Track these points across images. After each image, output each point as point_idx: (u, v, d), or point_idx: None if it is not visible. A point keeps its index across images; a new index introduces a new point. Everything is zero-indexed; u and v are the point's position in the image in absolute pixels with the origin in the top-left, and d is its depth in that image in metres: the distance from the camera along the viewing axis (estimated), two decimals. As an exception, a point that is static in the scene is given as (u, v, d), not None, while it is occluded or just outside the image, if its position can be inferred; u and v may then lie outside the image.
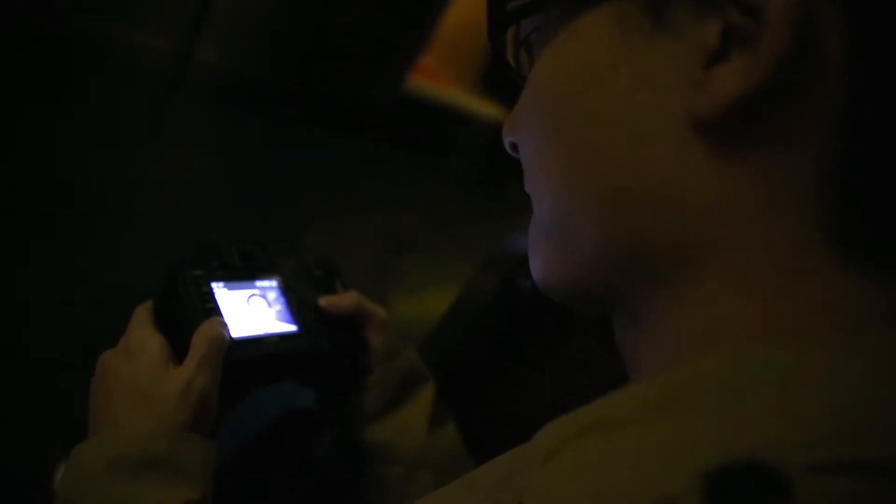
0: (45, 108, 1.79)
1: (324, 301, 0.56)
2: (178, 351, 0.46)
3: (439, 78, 2.90)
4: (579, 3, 0.26)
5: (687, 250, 0.24)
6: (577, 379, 0.62)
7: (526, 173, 0.31)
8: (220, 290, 0.51)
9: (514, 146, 0.33)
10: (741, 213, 0.23)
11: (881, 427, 0.19)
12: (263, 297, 0.54)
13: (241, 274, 0.53)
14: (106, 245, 1.46)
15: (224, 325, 0.48)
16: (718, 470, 0.19)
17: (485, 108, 2.95)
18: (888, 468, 0.18)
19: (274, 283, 0.56)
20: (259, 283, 0.54)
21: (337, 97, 2.62)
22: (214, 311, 0.49)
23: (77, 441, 0.43)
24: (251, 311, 0.52)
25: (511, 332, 0.71)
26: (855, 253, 0.22)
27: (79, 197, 1.58)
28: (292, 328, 0.54)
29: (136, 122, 2.03)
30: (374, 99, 2.71)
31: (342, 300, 0.57)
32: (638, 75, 0.24)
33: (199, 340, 0.46)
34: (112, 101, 2.00)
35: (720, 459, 0.19)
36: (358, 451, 0.57)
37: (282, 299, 0.55)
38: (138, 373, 0.44)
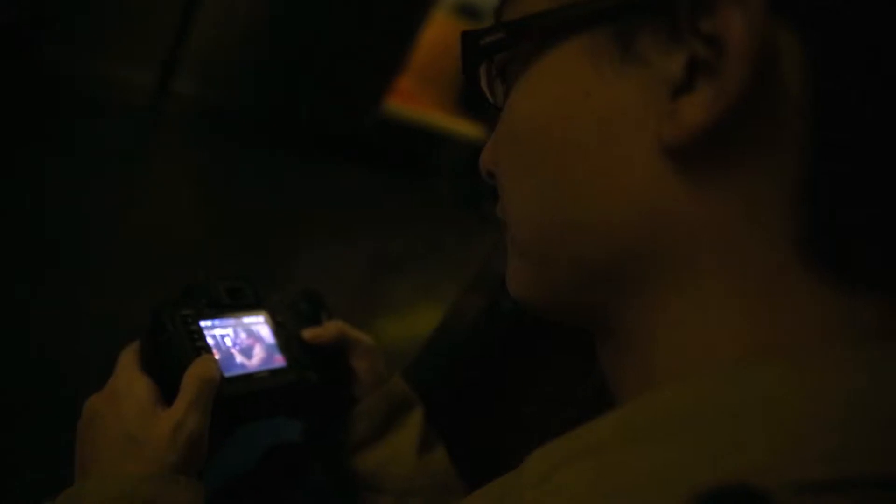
0: (25, 144, 1.78)
1: (307, 334, 0.56)
2: (167, 392, 0.46)
3: (417, 100, 2.91)
4: (550, 37, 0.27)
5: (665, 273, 0.25)
6: (563, 397, 0.62)
7: (501, 200, 0.32)
8: (208, 328, 0.51)
9: (490, 174, 0.33)
10: (718, 235, 0.23)
11: (869, 443, 0.19)
12: (252, 333, 0.54)
13: (229, 311, 0.53)
14: (92, 280, 1.44)
15: (215, 364, 0.48)
16: (708, 495, 0.19)
17: (463, 128, 2.97)
18: (875, 484, 0.18)
19: (261, 319, 0.56)
20: (247, 320, 0.54)
21: (317, 124, 2.63)
22: (204, 349, 0.49)
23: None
24: (240, 347, 0.52)
25: (496, 353, 0.71)
26: (834, 268, 0.23)
27: (61, 232, 1.56)
28: (281, 363, 0.54)
29: (118, 155, 2.02)
30: (355, 124, 2.71)
31: (325, 331, 0.57)
32: (609, 105, 0.25)
33: (190, 380, 0.45)
34: (93, 136, 1.99)
35: (710, 484, 0.19)
36: (347, 482, 0.56)
37: (270, 334, 0.55)
38: (126, 416, 0.44)
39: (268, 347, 0.54)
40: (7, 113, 1.83)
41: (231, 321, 0.53)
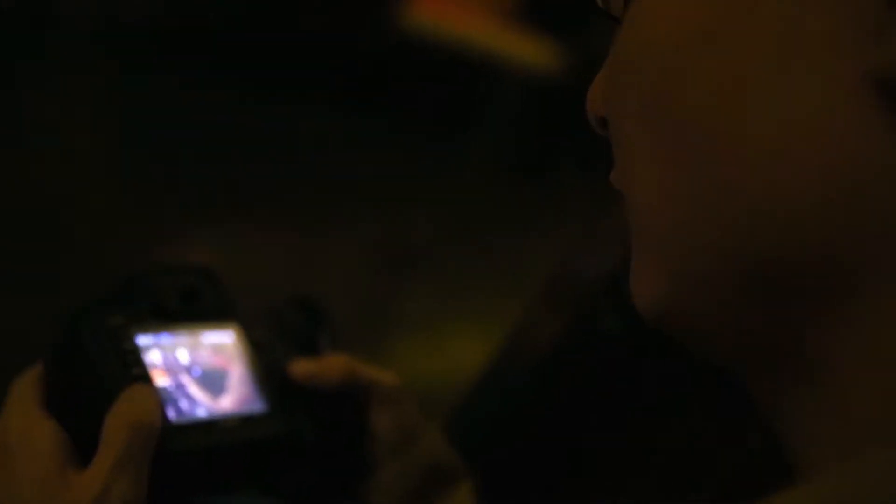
0: None
1: (299, 369, 0.56)
2: (84, 442, 0.46)
3: (455, 7, 2.91)
4: None
5: (873, 279, 0.25)
6: (696, 465, 0.63)
7: (619, 163, 0.33)
8: (150, 347, 0.51)
9: (602, 122, 0.34)
10: None
11: None
12: (216, 357, 0.54)
13: (181, 322, 0.53)
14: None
15: (156, 400, 0.48)
16: None
17: (525, 51, 2.95)
18: None
19: (230, 336, 0.56)
20: (208, 336, 0.55)
21: (308, 45, 2.64)
22: (142, 377, 0.49)
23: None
24: (198, 378, 0.52)
25: (587, 396, 0.73)
26: None
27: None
28: (259, 405, 0.54)
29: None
30: (359, 45, 2.72)
31: (325, 368, 0.57)
32: (784, 23, 0.26)
33: (117, 425, 0.45)
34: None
35: None
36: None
37: (242, 361, 0.55)
38: (21, 482, 0.44)
39: (239, 381, 0.54)
40: None
41: (184, 338, 0.53)
